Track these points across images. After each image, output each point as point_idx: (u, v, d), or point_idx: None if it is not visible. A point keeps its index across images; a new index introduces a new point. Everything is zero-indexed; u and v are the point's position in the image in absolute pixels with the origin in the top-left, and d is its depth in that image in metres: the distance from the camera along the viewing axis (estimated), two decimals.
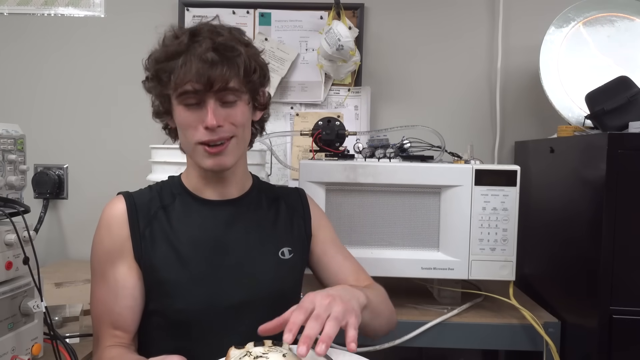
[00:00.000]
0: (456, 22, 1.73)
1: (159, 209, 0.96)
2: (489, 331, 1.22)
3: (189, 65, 0.86)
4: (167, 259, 0.93)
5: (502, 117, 1.71)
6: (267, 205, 1.03)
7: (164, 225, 0.95)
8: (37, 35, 1.77)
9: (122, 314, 0.92)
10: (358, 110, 1.73)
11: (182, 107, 0.90)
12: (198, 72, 0.86)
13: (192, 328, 0.93)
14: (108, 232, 0.94)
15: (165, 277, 0.92)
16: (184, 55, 0.88)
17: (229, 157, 0.92)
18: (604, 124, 1.24)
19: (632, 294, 1.06)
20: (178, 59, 0.88)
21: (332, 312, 0.72)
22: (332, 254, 1.05)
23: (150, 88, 0.95)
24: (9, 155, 0.90)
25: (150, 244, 0.93)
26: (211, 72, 0.86)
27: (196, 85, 0.87)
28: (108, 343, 0.92)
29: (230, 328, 0.93)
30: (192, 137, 0.90)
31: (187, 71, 0.86)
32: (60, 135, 1.78)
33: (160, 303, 0.93)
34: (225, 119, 0.90)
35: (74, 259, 1.78)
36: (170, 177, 1.03)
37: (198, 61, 0.86)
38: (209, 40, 0.88)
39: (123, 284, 0.92)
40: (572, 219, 1.21)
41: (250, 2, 1.72)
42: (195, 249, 0.94)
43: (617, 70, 1.48)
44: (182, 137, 0.95)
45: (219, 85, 0.87)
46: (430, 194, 1.25)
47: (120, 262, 0.93)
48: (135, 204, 0.95)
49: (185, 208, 0.97)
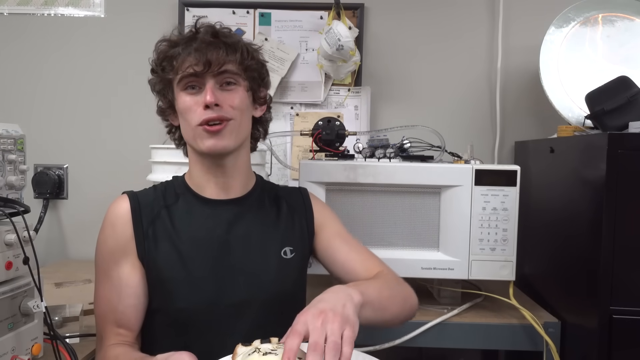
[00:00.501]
0: (456, 22, 1.73)
1: (162, 209, 0.97)
2: (489, 331, 1.22)
3: (189, 48, 0.91)
4: (169, 258, 0.93)
5: (502, 117, 1.71)
6: (270, 204, 1.04)
7: (167, 224, 0.96)
8: (37, 35, 1.77)
9: (126, 313, 0.93)
10: (358, 110, 1.73)
11: (183, 93, 0.93)
12: (197, 53, 0.90)
13: (194, 327, 0.93)
14: (112, 231, 0.95)
15: (168, 276, 0.93)
16: (187, 43, 0.92)
17: (227, 139, 0.93)
18: (604, 124, 1.24)
19: (632, 294, 1.06)
20: (180, 47, 0.93)
21: (328, 333, 0.68)
22: (337, 247, 1.04)
23: (156, 82, 0.98)
24: (9, 155, 0.90)
25: (154, 243, 0.94)
26: (209, 53, 0.90)
27: (195, 67, 0.90)
28: (112, 341, 0.92)
29: (233, 327, 0.93)
30: (192, 119, 0.92)
31: (188, 54, 0.91)
32: (60, 135, 1.78)
33: (162, 301, 0.94)
34: (224, 100, 0.92)
35: (74, 259, 1.78)
36: (174, 177, 1.04)
37: (198, 44, 0.91)
38: (210, 28, 0.94)
39: (127, 282, 0.93)
40: (572, 219, 1.21)
41: (250, 2, 1.72)
42: (197, 248, 0.94)
43: (617, 70, 1.48)
44: (184, 124, 0.95)
45: (218, 66, 0.91)
46: (430, 194, 1.25)
47: (124, 260, 0.94)
48: (139, 204, 0.96)
49: (188, 207, 0.98)
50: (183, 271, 0.93)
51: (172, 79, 0.94)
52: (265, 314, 0.96)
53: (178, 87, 0.94)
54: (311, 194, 1.10)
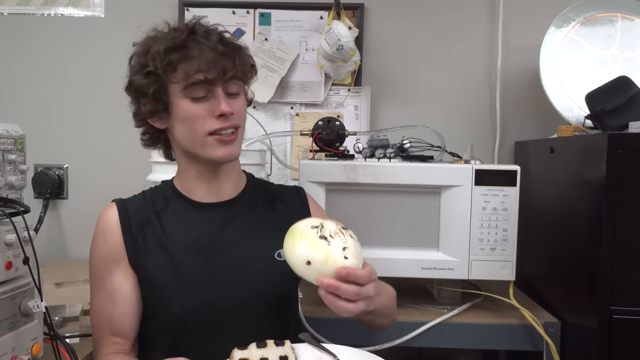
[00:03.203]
0: (456, 22, 1.73)
1: (152, 214, 0.96)
2: (489, 331, 1.22)
3: (201, 55, 0.88)
4: (160, 264, 0.93)
5: (502, 117, 1.71)
6: (263, 205, 1.03)
7: (157, 230, 0.95)
8: (37, 35, 1.77)
9: (121, 320, 0.93)
10: (358, 110, 1.73)
11: (187, 100, 0.90)
12: (213, 60, 0.88)
13: (189, 331, 0.93)
14: (103, 240, 0.95)
15: (160, 282, 0.92)
16: (192, 46, 0.89)
17: (238, 147, 0.94)
18: (604, 124, 1.24)
19: (632, 294, 1.06)
20: (185, 50, 0.88)
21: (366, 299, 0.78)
22: None
23: (148, 84, 0.91)
24: (9, 155, 0.90)
25: (144, 249, 0.93)
26: (224, 61, 0.89)
27: (208, 74, 0.88)
28: (109, 350, 0.92)
29: (227, 330, 0.93)
30: (202, 128, 0.90)
31: (200, 60, 0.87)
32: (60, 135, 1.78)
33: (156, 307, 0.94)
34: (233, 108, 0.91)
35: (74, 259, 1.78)
36: (163, 182, 1.03)
37: (210, 51, 0.88)
38: (217, 35, 0.92)
39: (120, 290, 0.93)
40: (572, 218, 1.21)
41: (250, 2, 1.72)
42: (189, 253, 0.94)
43: (617, 70, 1.49)
44: (186, 132, 0.92)
45: (231, 73, 0.90)
46: (430, 194, 1.25)
47: (116, 269, 0.93)
48: (127, 211, 0.96)
49: (178, 212, 0.97)
50: (176, 276, 0.92)
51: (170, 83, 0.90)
52: (260, 316, 0.95)
53: (181, 93, 0.90)
54: (308, 194, 1.10)
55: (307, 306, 1.21)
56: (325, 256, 0.75)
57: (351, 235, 0.81)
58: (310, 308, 1.20)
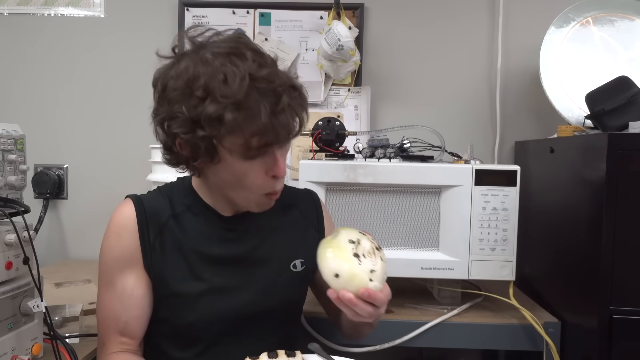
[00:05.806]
0: (456, 21, 1.73)
1: (170, 218, 0.92)
2: (489, 331, 1.22)
3: (264, 117, 0.77)
4: (178, 271, 0.91)
5: (502, 117, 1.71)
6: (280, 213, 1.00)
7: (176, 235, 0.91)
8: (37, 35, 1.77)
9: (130, 323, 0.90)
10: (358, 110, 1.73)
11: (239, 158, 0.82)
12: (279, 125, 0.79)
13: (201, 339, 0.92)
14: (117, 241, 0.90)
15: (177, 290, 0.90)
16: (253, 104, 0.77)
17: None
18: (604, 124, 1.24)
19: (632, 294, 1.05)
20: (245, 110, 0.77)
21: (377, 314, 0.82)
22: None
23: (188, 140, 0.80)
24: (9, 155, 0.90)
25: (161, 255, 0.90)
26: (290, 125, 0.82)
27: (269, 139, 0.80)
28: (115, 349, 0.91)
29: (239, 339, 0.93)
30: (257, 188, 0.86)
31: (262, 124, 0.78)
32: (60, 135, 1.78)
33: (169, 313, 0.92)
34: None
35: (74, 259, 1.78)
36: (179, 180, 0.99)
37: (275, 113, 0.79)
38: (280, 87, 0.80)
39: (131, 293, 0.90)
40: (572, 219, 1.21)
41: (250, 2, 1.72)
42: (206, 261, 0.92)
43: (617, 70, 1.48)
44: (232, 183, 0.86)
45: (294, 134, 0.84)
46: (430, 194, 1.25)
47: (129, 271, 0.90)
48: (145, 211, 0.91)
49: (197, 218, 0.93)
50: (193, 285, 0.90)
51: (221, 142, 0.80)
52: (273, 326, 0.96)
53: (236, 153, 0.81)
54: (321, 202, 1.10)
55: (307, 305, 1.21)
56: (353, 275, 0.79)
57: (382, 258, 0.84)
58: (310, 308, 1.20)
